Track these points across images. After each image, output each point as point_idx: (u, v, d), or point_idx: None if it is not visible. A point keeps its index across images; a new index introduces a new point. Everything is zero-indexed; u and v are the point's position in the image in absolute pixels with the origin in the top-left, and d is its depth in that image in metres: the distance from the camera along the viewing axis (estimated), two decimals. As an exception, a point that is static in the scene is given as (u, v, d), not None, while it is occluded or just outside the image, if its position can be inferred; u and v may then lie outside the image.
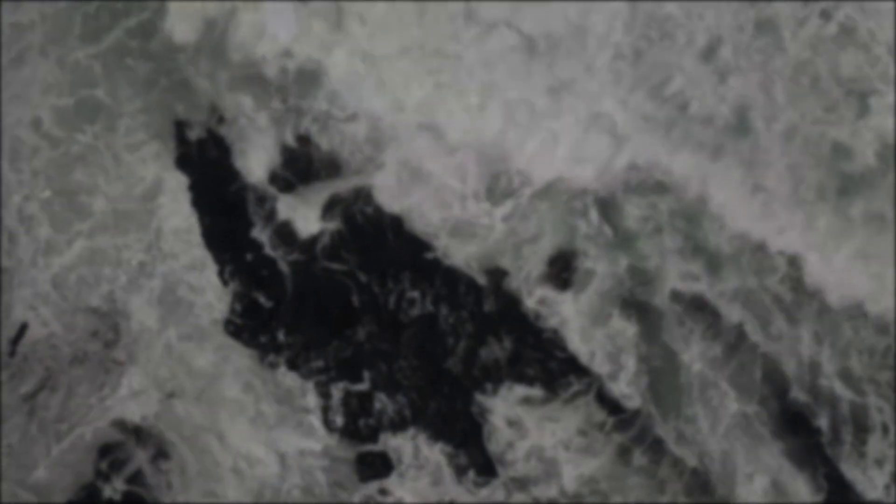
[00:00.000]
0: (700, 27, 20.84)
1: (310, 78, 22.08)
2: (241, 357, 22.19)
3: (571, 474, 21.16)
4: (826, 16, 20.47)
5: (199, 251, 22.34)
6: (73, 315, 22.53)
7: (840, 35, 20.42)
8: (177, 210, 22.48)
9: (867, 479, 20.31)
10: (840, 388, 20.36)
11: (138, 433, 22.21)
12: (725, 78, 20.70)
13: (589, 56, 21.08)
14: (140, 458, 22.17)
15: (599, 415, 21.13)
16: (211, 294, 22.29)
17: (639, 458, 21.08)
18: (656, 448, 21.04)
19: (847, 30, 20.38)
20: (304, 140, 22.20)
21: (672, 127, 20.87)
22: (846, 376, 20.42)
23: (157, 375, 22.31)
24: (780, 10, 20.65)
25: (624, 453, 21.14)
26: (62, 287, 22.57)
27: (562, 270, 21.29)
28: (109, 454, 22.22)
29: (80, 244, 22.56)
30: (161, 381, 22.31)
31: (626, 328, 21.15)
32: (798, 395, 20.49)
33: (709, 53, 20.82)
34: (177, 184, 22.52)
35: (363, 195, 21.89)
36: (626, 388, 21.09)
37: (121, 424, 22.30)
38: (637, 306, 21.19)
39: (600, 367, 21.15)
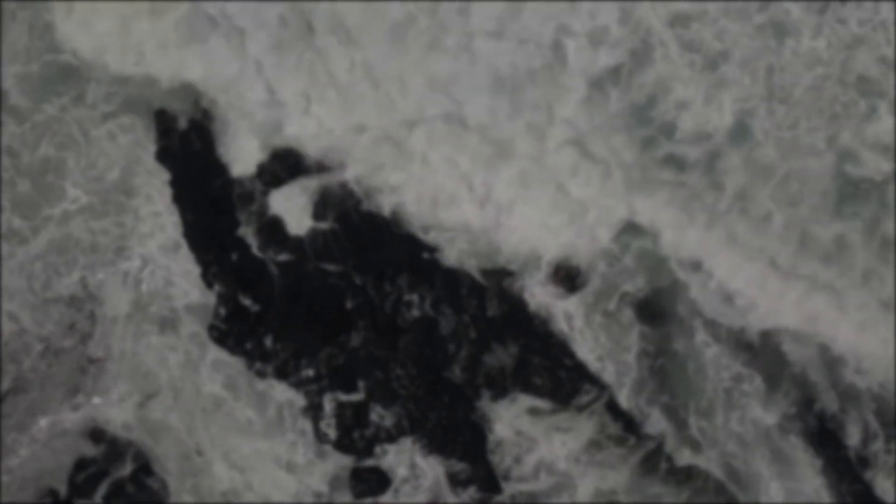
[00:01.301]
0: (708, 33, 20.49)
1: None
2: (218, 350, 21.74)
3: (587, 488, 20.77)
4: (842, 21, 20.20)
5: (173, 233, 21.89)
6: (45, 307, 22.08)
7: (854, 40, 20.20)
8: (150, 191, 22.02)
9: (891, 483, 20.10)
10: (861, 381, 20.08)
11: (115, 444, 21.73)
12: (727, 84, 20.40)
13: (569, 78, 20.64)
14: (119, 472, 21.64)
15: (614, 423, 20.72)
16: (184, 278, 21.88)
17: (660, 467, 20.70)
18: (676, 455, 20.65)
19: (862, 34, 20.17)
20: (293, 130, 21.77)
21: (660, 147, 20.51)
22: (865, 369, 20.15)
23: (134, 372, 21.87)
24: (794, 14, 20.36)
25: (643, 462, 20.72)
26: (31, 278, 22.14)
27: (570, 272, 20.75)
28: (85, 469, 21.67)
29: (50, 229, 22.19)
30: (138, 378, 21.87)
31: (637, 331, 20.71)
32: (822, 393, 20.25)
33: (713, 60, 20.46)
34: (150, 160, 22.01)
35: (358, 190, 21.28)
36: (641, 394, 20.69)
37: (97, 434, 21.80)
38: (649, 307, 20.75)
39: (612, 373, 20.69)
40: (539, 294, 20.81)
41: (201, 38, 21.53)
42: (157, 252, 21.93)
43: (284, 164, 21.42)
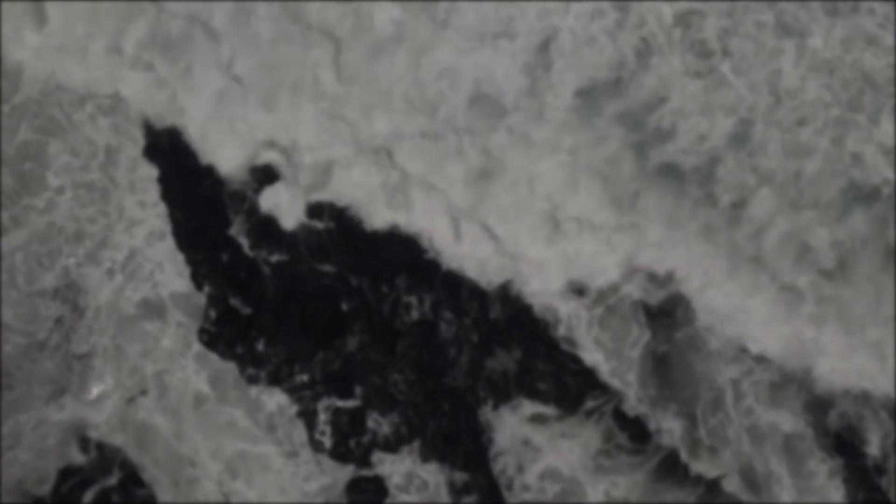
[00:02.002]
0: (710, 34, 20.37)
1: None
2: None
3: (597, 496, 20.60)
4: (851, 22, 20.19)
5: (159, 222, 21.58)
6: (29, 300, 21.62)
7: (864, 41, 20.21)
8: (134, 178, 21.64)
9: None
10: (873, 387, 20.12)
11: (102, 449, 21.40)
12: (728, 87, 20.31)
13: (560, 85, 20.49)
14: (106, 480, 21.36)
15: (623, 428, 20.61)
16: (171, 267, 21.57)
17: (674, 471, 20.55)
18: (690, 459, 20.57)
19: (870, 35, 20.20)
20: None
21: (656, 154, 20.41)
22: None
23: (120, 368, 21.47)
24: (800, 14, 20.36)
25: (656, 468, 20.58)
26: (12, 270, 21.68)
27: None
28: (72, 476, 21.36)
29: (32, 219, 21.75)
30: (124, 374, 21.47)
31: (642, 333, 20.61)
32: (835, 397, 20.20)
33: (714, 62, 20.34)
34: (133, 147, 21.64)
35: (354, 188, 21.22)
36: (650, 397, 20.57)
37: (83, 437, 21.45)
38: (653, 308, 20.63)
39: (619, 377, 20.58)
40: (543, 297, 20.61)
41: (175, 55, 21.31)
42: (143, 241, 21.54)
43: (277, 162, 21.19)
